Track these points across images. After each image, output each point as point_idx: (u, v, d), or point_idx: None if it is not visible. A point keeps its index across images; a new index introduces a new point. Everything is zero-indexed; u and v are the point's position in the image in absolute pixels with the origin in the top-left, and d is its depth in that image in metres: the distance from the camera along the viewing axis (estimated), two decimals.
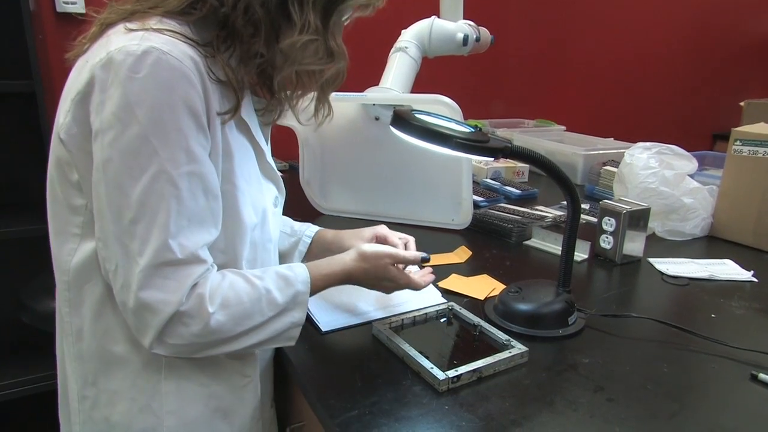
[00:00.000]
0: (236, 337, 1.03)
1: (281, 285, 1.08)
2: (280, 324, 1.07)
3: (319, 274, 1.17)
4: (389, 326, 1.27)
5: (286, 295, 1.08)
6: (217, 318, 1.00)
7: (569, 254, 1.34)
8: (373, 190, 2.05)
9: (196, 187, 0.97)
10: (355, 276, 1.21)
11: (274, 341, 1.08)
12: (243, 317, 1.02)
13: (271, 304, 1.06)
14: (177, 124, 0.94)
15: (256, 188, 1.14)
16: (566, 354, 1.23)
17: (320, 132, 2.02)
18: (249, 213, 1.10)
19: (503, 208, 2.18)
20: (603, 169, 2.50)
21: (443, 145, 1.14)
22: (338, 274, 1.20)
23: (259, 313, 1.04)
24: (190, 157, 0.96)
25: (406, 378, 1.11)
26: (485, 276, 1.58)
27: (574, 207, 1.29)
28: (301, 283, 1.11)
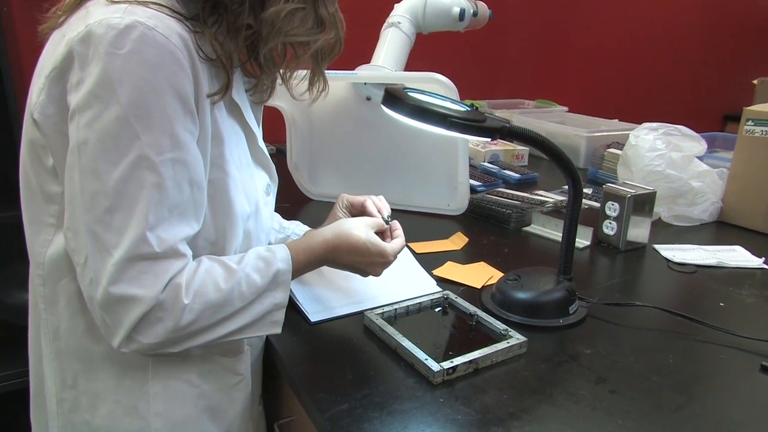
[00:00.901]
0: (214, 326, 1.01)
1: (260, 266, 1.07)
2: (261, 307, 1.06)
3: (299, 249, 1.16)
4: (382, 316, 1.27)
5: (266, 275, 1.07)
6: (192, 308, 0.98)
7: (570, 241, 1.34)
8: (365, 174, 2.05)
9: (180, 176, 0.96)
10: (338, 247, 1.20)
11: (256, 327, 1.07)
12: (221, 304, 1.01)
13: (251, 286, 1.05)
14: (162, 107, 0.92)
15: (247, 175, 1.13)
16: (567, 344, 1.23)
17: (308, 113, 2.01)
18: (241, 202, 1.09)
19: (501, 192, 2.19)
20: (607, 152, 2.51)
21: (437, 125, 1.14)
22: (319, 246, 1.19)
23: (239, 298, 1.03)
24: (174, 142, 0.94)
25: (399, 370, 1.11)
26: (482, 263, 1.59)
27: (575, 191, 1.30)
28: (281, 261, 1.09)
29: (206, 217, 1.05)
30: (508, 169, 2.55)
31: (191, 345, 1.01)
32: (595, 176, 2.53)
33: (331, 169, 2.09)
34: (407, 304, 1.33)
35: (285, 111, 2.00)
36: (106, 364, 1.09)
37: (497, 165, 2.61)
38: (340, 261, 1.21)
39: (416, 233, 1.76)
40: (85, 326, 1.08)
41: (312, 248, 1.18)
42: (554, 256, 1.40)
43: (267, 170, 1.24)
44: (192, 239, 1.03)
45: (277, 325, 1.09)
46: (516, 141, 2.82)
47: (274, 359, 1.22)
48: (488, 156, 2.68)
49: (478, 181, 2.34)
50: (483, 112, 1.19)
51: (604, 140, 2.67)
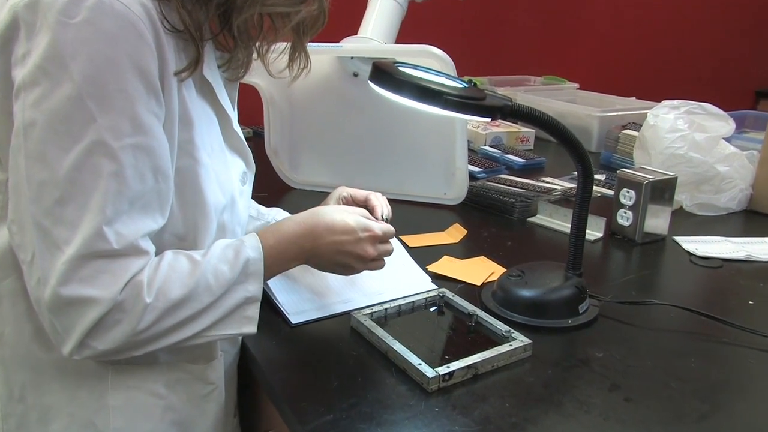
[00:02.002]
0: (180, 325, 1.01)
1: (228, 256, 1.07)
2: (232, 301, 1.05)
3: (268, 234, 1.15)
4: (371, 317, 1.28)
5: (235, 265, 1.06)
6: (155, 307, 0.97)
7: (580, 232, 1.35)
8: (352, 159, 2.05)
9: (143, 164, 0.95)
10: (315, 227, 1.19)
11: (227, 324, 1.06)
12: (187, 300, 1.00)
13: (219, 279, 1.04)
14: (121, 85, 0.91)
15: (220, 162, 1.13)
16: (577, 347, 1.24)
17: (288, 91, 2.01)
18: (214, 192, 1.09)
19: (504, 179, 2.20)
20: (622, 134, 2.51)
21: (432, 104, 1.14)
22: (292, 228, 1.18)
23: (206, 292, 1.02)
24: (136, 126, 0.93)
25: (390, 376, 1.12)
26: (482, 258, 1.60)
27: (585, 176, 1.30)
28: (251, 249, 1.09)
29: (173, 209, 1.04)
30: (512, 153, 2.56)
31: (154, 348, 1.01)
32: (609, 161, 2.54)
33: (314, 154, 2.09)
34: (399, 304, 1.34)
35: (262, 89, 2.00)
36: (58, 373, 1.08)
37: (499, 149, 2.62)
38: (321, 246, 1.19)
39: (409, 225, 1.77)
40: (33, 331, 1.07)
41: (283, 231, 1.17)
42: (562, 250, 1.40)
43: (242, 156, 1.23)
44: (157, 235, 1.02)
45: (250, 322, 1.08)
46: (520, 122, 2.82)
47: (250, 366, 1.22)
48: (489, 139, 2.69)
49: (478, 167, 2.34)
50: (483, 89, 1.20)
51: (619, 120, 2.68)
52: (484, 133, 2.68)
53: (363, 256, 1.22)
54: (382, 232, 1.24)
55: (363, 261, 1.23)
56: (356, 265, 1.23)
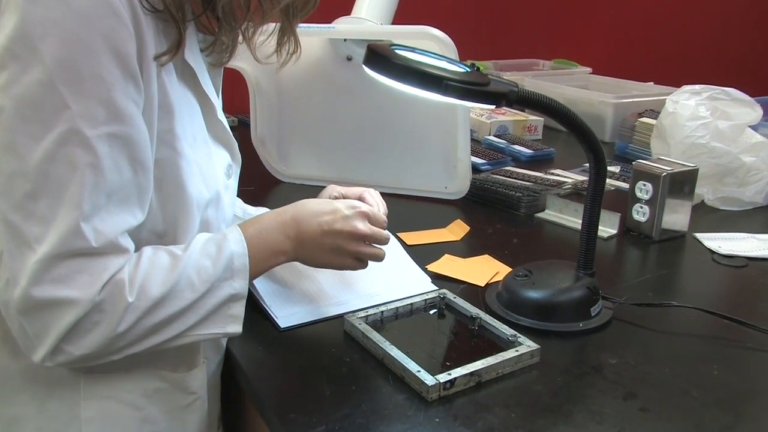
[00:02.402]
0: (162, 326, 1.01)
1: (211, 251, 1.07)
2: (216, 298, 1.06)
3: (248, 226, 1.16)
4: (365, 320, 1.28)
5: (219, 261, 1.07)
6: (137, 306, 0.98)
7: (592, 229, 1.35)
8: (345, 151, 2.05)
9: (120, 154, 0.95)
10: (298, 213, 1.20)
11: (212, 323, 1.06)
12: (169, 298, 1.01)
13: (202, 275, 1.04)
14: (96, 69, 0.91)
15: (204, 154, 1.13)
16: (588, 353, 1.25)
17: (277, 77, 2.01)
18: (197, 186, 1.09)
19: (510, 172, 2.20)
20: (638, 122, 2.52)
21: (431, 90, 1.14)
22: (272, 217, 1.19)
23: (189, 289, 1.03)
24: (112, 113, 0.93)
25: (386, 384, 1.12)
26: (486, 257, 1.60)
27: (598, 168, 1.30)
28: (234, 242, 1.10)
29: (153, 204, 1.04)
30: (519, 143, 2.56)
31: (134, 350, 1.01)
32: (624, 151, 2.54)
33: (305, 145, 2.09)
34: (396, 306, 1.34)
35: (248, 74, 2.00)
36: (26, 383, 1.08)
37: (505, 139, 2.62)
38: (307, 231, 1.19)
39: (407, 221, 1.77)
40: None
41: (264, 221, 1.18)
42: (573, 248, 1.41)
43: (227, 147, 1.23)
44: (134, 231, 1.02)
45: (236, 321, 1.09)
46: (527, 109, 2.83)
47: (235, 374, 1.22)
48: (494, 128, 2.69)
49: (482, 159, 2.35)
50: (486, 74, 1.20)
51: (636, 107, 2.68)
52: (489, 122, 2.68)
53: (354, 233, 1.22)
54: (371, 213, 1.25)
55: (355, 240, 1.22)
56: (348, 246, 1.22)
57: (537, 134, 2.77)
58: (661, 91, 2.87)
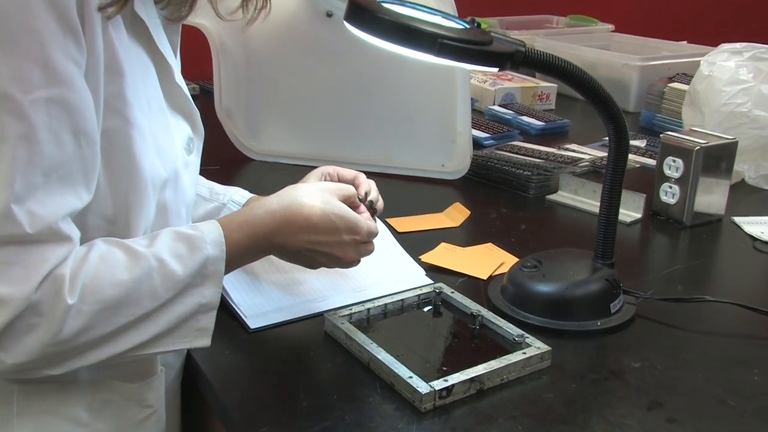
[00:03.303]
0: (114, 336, 1.01)
1: (181, 251, 1.06)
2: (183, 307, 1.05)
3: (234, 226, 1.15)
4: (349, 319, 1.28)
5: (190, 264, 1.06)
6: (81, 310, 0.97)
7: (612, 212, 1.36)
8: (326, 123, 2.06)
9: (60, 123, 0.94)
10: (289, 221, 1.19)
11: (175, 338, 1.06)
12: (123, 303, 1.00)
13: (168, 279, 1.04)
14: (29, 24, 0.90)
15: (159, 124, 1.12)
16: (607, 355, 1.26)
17: (244, 37, 2.00)
18: (152, 162, 1.08)
19: (518, 147, 2.21)
20: (668, 88, 2.52)
21: (423, 50, 1.13)
22: (263, 219, 1.18)
23: (150, 295, 1.02)
24: (50, 75, 0.92)
25: (373, 393, 1.13)
26: (489, 245, 1.61)
27: (619, 142, 1.31)
28: (212, 245, 1.09)
29: (100, 184, 1.03)
30: (528, 114, 2.57)
31: (80, 364, 1.01)
32: (651, 122, 2.55)
33: (278, 117, 2.10)
34: (385, 303, 1.34)
35: (210, 33, 2.00)
36: None
37: (512, 109, 2.63)
38: (296, 244, 1.20)
39: (398, 204, 1.76)
40: None
41: (254, 225, 1.18)
42: (590, 235, 1.42)
43: (188, 118, 1.23)
44: (79, 217, 1.02)
45: (204, 335, 1.09)
46: (538, 74, 2.83)
47: (197, 382, 1.23)
48: (499, 96, 2.69)
49: (485, 132, 2.35)
50: (489, 31, 1.20)
51: (665, 71, 2.68)
52: (493, 89, 2.69)
53: (341, 259, 1.24)
54: (368, 232, 1.25)
55: (339, 263, 1.26)
56: (329, 265, 1.26)
57: (549, 103, 2.78)
58: (694, 51, 2.87)
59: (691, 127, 1.98)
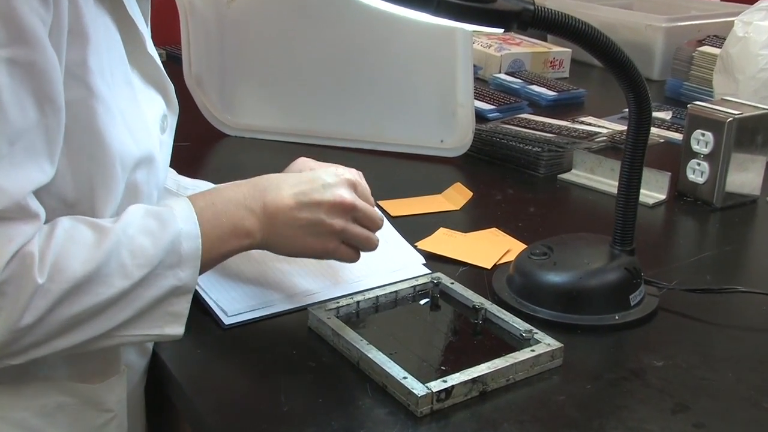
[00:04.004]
0: (82, 319, 1.01)
1: (152, 227, 1.07)
2: (155, 289, 1.06)
3: (201, 197, 1.16)
4: (336, 313, 1.29)
5: (161, 240, 1.06)
6: (49, 290, 0.97)
7: (632, 193, 1.36)
8: (310, 94, 2.06)
9: (22, 87, 0.94)
10: (262, 180, 1.21)
11: (145, 321, 1.07)
12: (92, 281, 1.00)
13: (138, 256, 1.04)
14: None
15: (127, 98, 1.12)
16: (627, 353, 1.27)
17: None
18: (122, 140, 1.08)
19: (527, 121, 2.22)
20: (697, 52, 2.52)
21: (419, 7, 1.13)
22: (235, 189, 1.19)
23: (119, 273, 1.02)
24: (13, 32, 0.92)
25: (363, 396, 1.13)
26: (494, 231, 1.62)
27: (640, 113, 1.31)
28: (183, 219, 1.10)
29: (60, 162, 1.03)
30: (538, 83, 2.58)
31: (40, 353, 1.01)
32: (678, 92, 2.56)
33: (256, 86, 2.10)
34: (376, 295, 1.35)
35: None
36: None
37: (520, 77, 2.63)
38: (276, 202, 1.19)
39: (391, 185, 1.78)
40: None
41: (221, 190, 1.20)
42: (608, 218, 1.42)
43: (161, 92, 1.24)
44: (38, 198, 1.01)
45: (176, 321, 1.09)
46: (550, 36, 2.83)
47: (165, 384, 1.23)
48: (506, 63, 2.69)
49: (490, 104, 2.36)
50: None
51: (694, 33, 2.68)
52: (499, 54, 2.69)
53: (338, 203, 1.22)
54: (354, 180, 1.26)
55: (340, 213, 1.22)
56: (332, 221, 1.22)
57: (562, 71, 2.78)
58: (728, 10, 2.87)
59: (722, 96, 1.98)
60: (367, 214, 1.26)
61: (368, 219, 1.26)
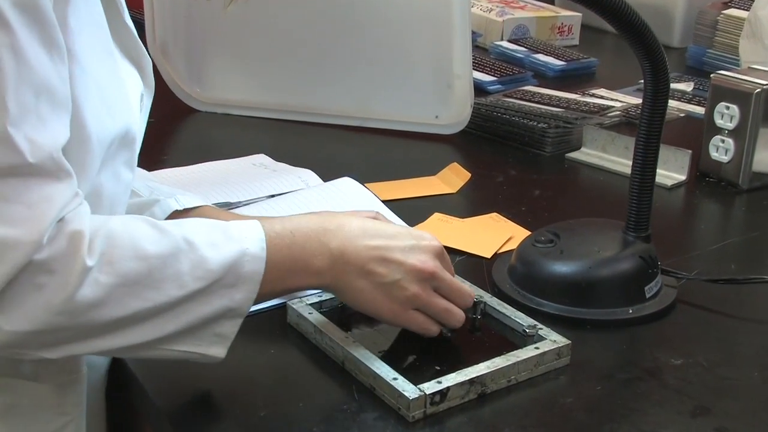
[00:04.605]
0: (125, 323, 1.01)
1: (216, 239, 1.07)
2: (207, 308, 1.05)
3: (276, 222, 1.16)
4: (318, 307, 1.29)
5: (225, 254, 1.06)
6: (97, 279, 0.97)
7: (648, 173, 1.37)
8: (290, 64, 2.06)
9: (35, 34, 0.95)
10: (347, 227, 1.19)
11: (191, 338, 1.07)
12: (143, 285, 1.00)
13: (197, 267, 1.04)
14: None
15: (106, 69, 1.13)
16: (641, 350, 1.28)
17: None
18: (100, 111, 1.08)
19: (531, 94, 2.22)
20: (722, 15, 2.51)
21: None
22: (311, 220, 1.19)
23: (174, 281, 1.02)
24: None
25: (348, 399, 1.13)
26: (494, 216, 1.63)
27: (657, 84, 1.32)
28: (252, 240, 1.09)
29: None
30: (544, 51, 2.58)
31: (79, 351, 1.03)
32: (700, 60, 2.56)
33: (229, 55, 2.10)
34: None
35: None
36: None
37: (524, 45, 2.64)
38: (355, 248, 1.18)
39: (381, 166, 1.79)
40: None
41: (295, 220, 1.19)
42: (621, 201, 1.43)
43: (138, 67, 1.25)
44: None
45: (221, 343, 1.09)
46: None
47: (128, 388, 1.24)
48: (508, 29, 2.69)
49: (491, 74, 2.36)
50: None
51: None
52: (501, 19, 2.69)
53: (419, 270, 1.20)
54: (450, 279, 1.24)
55: (420, 280, 1.20)
56: (410, 286, 1.19)
57: (572, 37, 2.78)
58: None
59: (750, 64, 1.98)
60: (452, 286, 1.23)
61: (451, 291, 1.23)
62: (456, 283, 1.23)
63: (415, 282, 1.19)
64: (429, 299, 1.20)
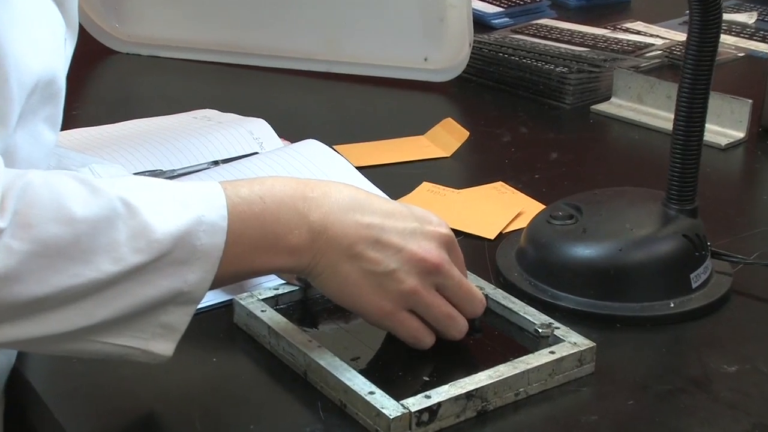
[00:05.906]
0: (41, 308, 1.00)
1: (164, 202, 1.06)
2: (150, 289, 1.04)
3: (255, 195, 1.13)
4: (274, 304, 1.31)
5: (174, 221, 1.04)
6: (9, 245, 0.96)
7: (694, 130, 1.38)
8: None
9: None
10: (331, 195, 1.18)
11: (125, 330, 1.06)
12: (68, 255, 0.99)
13: (138, 236, 1.02)
14: None
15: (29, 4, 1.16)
16: (686, 355, 1.30)
17: None
18: (22, 47, 1.10)
19: (547, 29, 2.25)
20: None
21: None
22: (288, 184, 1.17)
23: (108, 253, 1.01)
24: None
25: (314, 418, 1.14)
26: (499, 185, 1.64)
27: (706, 15, 1.33)
28: (209, 207, 1.07)
29: None
30: None
31: None
32: None
33: None
34: None
35: None
36: None
37: None
38: (341, 222, 1.17)
39: (355, 122, 1.80)
40: None
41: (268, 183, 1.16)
42: (659, 166, 1.45)
43: (60, 5, 1.26)
44: None
45: (169, 336, 1.08)
46: None
47: (28, 404, 1.25)
48: None
49: (496, 4, 2.38)
50: None
51: None
52: None
53: (420, 259, 1.19)
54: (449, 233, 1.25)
55: (421, 273, 1.20)
56: (408, 280, 1.19)
57: None
58: None
59: None
60: (461, 286, 1.23)
61: (459, 292, 1.23)
62: (466, 284, 1.23)
63: (413, 274, 1.18)
64: (429, 299, 1.20)
